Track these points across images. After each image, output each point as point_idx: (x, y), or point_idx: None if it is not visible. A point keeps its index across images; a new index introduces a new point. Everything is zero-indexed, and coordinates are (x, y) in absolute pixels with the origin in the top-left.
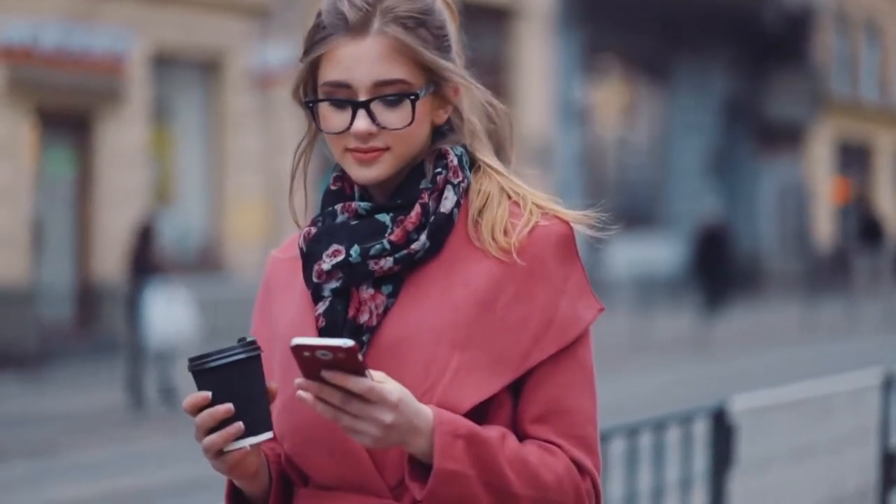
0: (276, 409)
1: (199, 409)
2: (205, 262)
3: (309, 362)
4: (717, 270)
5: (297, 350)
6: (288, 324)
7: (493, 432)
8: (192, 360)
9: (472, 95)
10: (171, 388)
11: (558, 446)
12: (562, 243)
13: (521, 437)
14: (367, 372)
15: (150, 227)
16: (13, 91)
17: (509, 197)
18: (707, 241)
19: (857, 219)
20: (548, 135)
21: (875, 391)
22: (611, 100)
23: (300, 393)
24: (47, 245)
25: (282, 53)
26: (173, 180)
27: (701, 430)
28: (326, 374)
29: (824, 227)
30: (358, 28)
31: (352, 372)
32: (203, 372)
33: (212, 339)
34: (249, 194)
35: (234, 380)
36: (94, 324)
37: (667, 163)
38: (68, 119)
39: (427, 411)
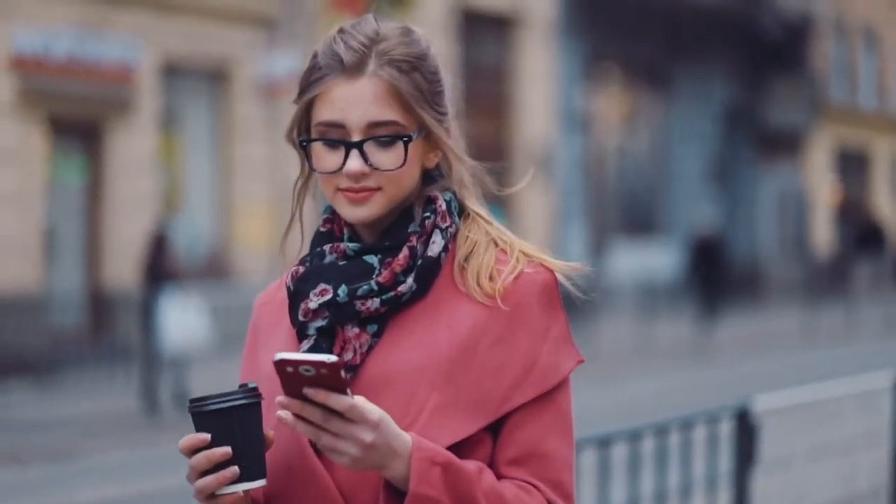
0: None
1: (195, 450)
2: (212, 269)
3: (291, 378)
4: (712, 279)
5: (281, 365)
6: (272, 363)
7: (470, 465)
8: (192, 401)
9: (444, 152)
10: (185, 394)
11: (535, 487)
12: (546, 292)
13: (498, 479)
14: (348, 391)
15: (164, 236)
16: (25, 100)
17: (496, 244)
18: (701, 251)
19: (857, 225)
20: (550, 142)
21: (886, 393)
22: (611, 107)
23: (280, 413)
24: (59, 252)
25: (288, 63)
26: (181, 188)
27: (719, 429)
28: (308, 391)
29: (823, 233)
30: (353, 69)
31: (334, 390)
32: (202, 414)
33: (223, 345)
34: (256, 201)
35: (232, 424)
36: (105, 330)
37: (667, 169)
38: (79, 128)
39: (406, 437)
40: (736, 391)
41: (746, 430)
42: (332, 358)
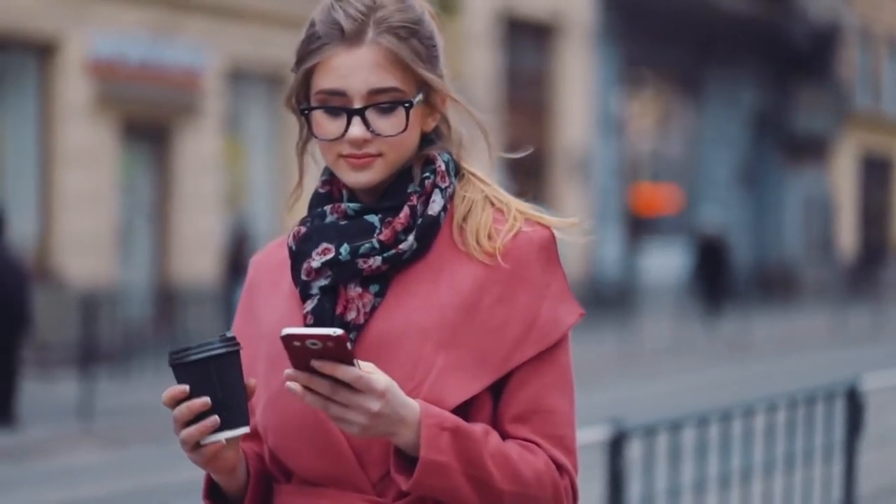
0: (261, 404)
1: (177, 401)
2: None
3: (299, 352)
4: (716, 279)
5: (287, 340)
6: (276, 322)
7: (477, 427)
8: (172, 353)
9: (453, 105)
10: None
11: (537, 445)
12: (544, 249)
13: (501, 436)
14: (355, 361)
15: (246, 232)
16: (101, 104)
17: (492, 204)
18: (706, 252)
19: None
20: (587, 146)
21: None
22: (645, 112)
23: (289, 384)
24: (130, 248)
25: None
26: (244, 187)
27: (833, 406)
28: (316, 364)
29: (847, 236)
30: (353, 37)
31: (340, 361)
32: (182, 365)
33: None
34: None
35: (211, 374)
36: (172, 322)
37: (698, 173)
38: (149, 130)
39: (414, 404)
40: (771, 387)
41: (855, 406)
42: (337, 331)
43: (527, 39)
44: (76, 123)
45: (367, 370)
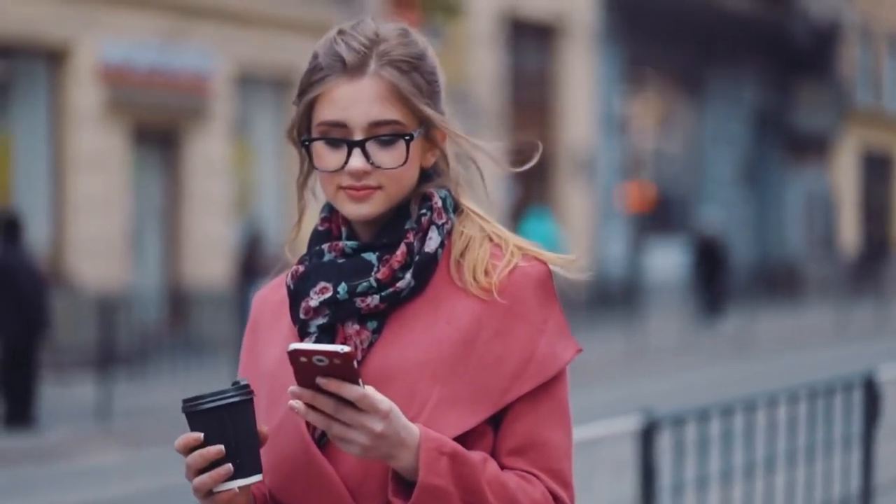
0: None
1: (190, 449)
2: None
3: (304, 368)
4: (715, 279)
5: (294, 355)
6: (274, 360)
7: (475, 455)
8: (185, 401)
9: (457, 142)
10: None
11: (535, 476)
12: (541, 284)
13: (500, 469)
14: (360, 381)
15: (259, 237)
16: (111, 109)
17: (491, 240)
18: (704, 251)
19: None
20: (591, 146)
21: None
22: (648, 111)
23: (292, 402)
24: (141, 252)
25: None
26: (252, 191)
27: (851, 397)
28: (321, 381)
29: (849, 233)
30: (355, 70)
31: (346, 380)
32: (196, 413)
33: None
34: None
35: (225, 422)
36: (183, 324)
37: (700, 171)
38: (159, 135)
39: (414, 428)
40: (778, 384)
41: (872, 396)
42: (345, 348)
43: (530, 40)
44: (87, 129)
45: (371, 390)
